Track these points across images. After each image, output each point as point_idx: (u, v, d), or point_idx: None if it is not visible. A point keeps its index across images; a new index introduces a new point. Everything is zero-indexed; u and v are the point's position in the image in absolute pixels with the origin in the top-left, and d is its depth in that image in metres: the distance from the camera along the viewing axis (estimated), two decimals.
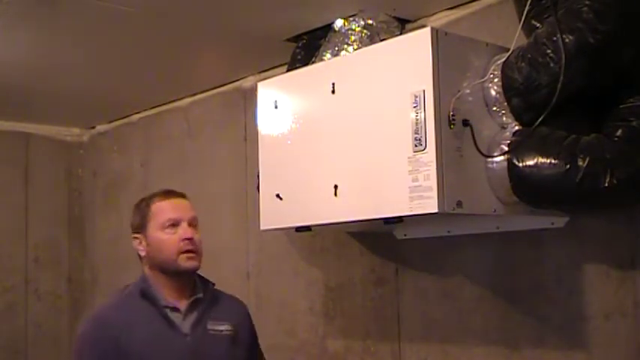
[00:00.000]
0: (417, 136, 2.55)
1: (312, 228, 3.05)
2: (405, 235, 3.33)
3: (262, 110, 3.22)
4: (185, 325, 2.57)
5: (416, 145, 2.55)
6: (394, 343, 3.55)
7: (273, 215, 3.14)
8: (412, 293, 3.50)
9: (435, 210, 2.50)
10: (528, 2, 2.67)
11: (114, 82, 4.55)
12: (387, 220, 2.65)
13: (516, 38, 2.65)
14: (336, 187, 2.84)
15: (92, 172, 5.71)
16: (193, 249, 2.60)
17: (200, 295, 2.63)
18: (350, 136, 2.81)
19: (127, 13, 3.35)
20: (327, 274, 3.58)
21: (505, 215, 2.74)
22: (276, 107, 3.15)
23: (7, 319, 5.43)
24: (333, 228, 2.95)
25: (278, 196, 3.08)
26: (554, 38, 2.49)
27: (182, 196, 2.73)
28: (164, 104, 5.04)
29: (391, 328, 3.57)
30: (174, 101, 4.96)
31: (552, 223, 2.89)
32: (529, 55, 2.57)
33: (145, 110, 5.20)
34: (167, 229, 2.60)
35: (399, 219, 2.66)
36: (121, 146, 5.47)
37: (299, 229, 3.09)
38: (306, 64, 3.40)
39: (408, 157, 2.57)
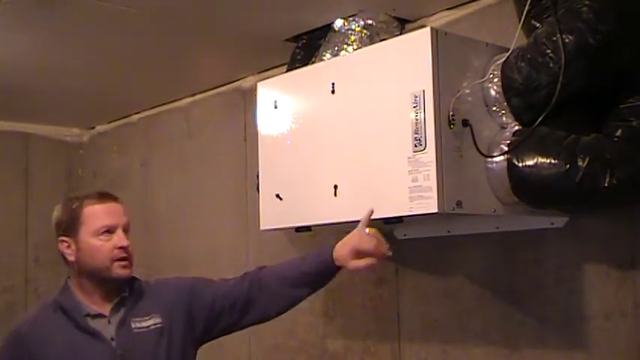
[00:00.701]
0: (416, 136, 2.55)
1: (312, 228, 3.05)
2: (405, 235, 3.33)
3: (262, 110, 3.22)
4: (110, 329, 2.49)
5: (416, 146, 2.55)
6: (394, 343, 3.55)
7: (273, 215, 3.14)
8: (412, 293, 3.50)
9: (435, 210, 2.50)
10: (528, 2, 2.67)
11: (114, 83, 4.54)
12: (387, 221, 2.64)
13: (516, 38, 2.65)
14: (335, 187, 2.84)
15: (92, 173, 5.71)
16: (127, 257, 2.51)
17: (125, 293, 2.55)
18: (350, 136, 2.82)
19: (126, 14, 3.34)
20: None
21: (505, 215, 2.74)
22: (275, 107, 3.15)
23: (6, 319, 5.41)
24: (333, 228, 2.95)
25: (278, 196, 3.08)
26: (554, 38, 2.49)
27: (116, 199, 2.60)
28: (164, 104, 5.04)
29: (391, 328, 3.57)
30: (174, 101, 4.96)
31: (552, 224, 2.89)
32: (529, 55, 2.57)
33: (145, 110, 5.20)
34: (101, 235, 2.49)
35: (399, 219, 2.66)
36: (120, 146, 5.47)
37: (299, 229, 3.09)
38: (305, 64, 3.40)
39: (408, 157, 2.57)
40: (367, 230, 2.48)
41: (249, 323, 2.68)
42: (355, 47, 3.22)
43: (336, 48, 3.28)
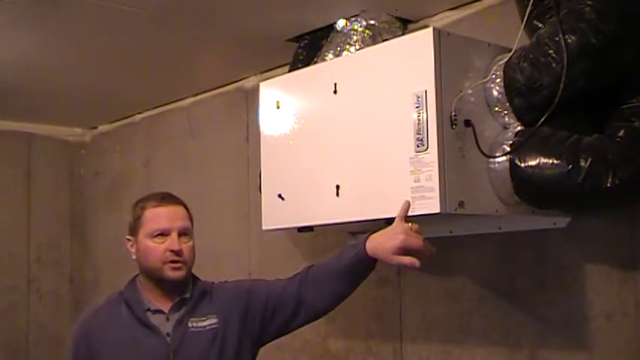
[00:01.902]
0: (419, 136, 2.55)
1: (314, 228, 3.06)
2: None
3: (264, 110, 3.23)
4: (167, 325, 2.56)
5: (418, 146, 2.55)
6: (396, 343, 3.55)
7: (275, 215, 3.14)
8: (414, 293, 3.50)
9: (437, 210, 2.50)
10: (530, 2, 2.67)
11: (116, 82, 4.55)
12: (389, 221, 2.64)
13: (518, 38, 2.65)
14: (338, 187, 2.84)
15: (94, 172, 5.72)
16: (179, 259, 2.57)
17: (187, 295, 2.62)
18: (352, 136, 2.82)
19: (129, 13, 3.35)
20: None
21: (507, 216, 2.74)
22: (278, 107, 3.15)
23: (8, 318, 5.44)
24: (335, 228, 2.95)
25: (280, 196, 3.08)
26: (557, 38, 2.49)
27: (178, 203, 2.68)
28: (166, 104, 5.05)
29: (393, 328, 3.57)
30: (176, 101, 4.97)
31: (554, 224, 2.89)
32: (531, 56, 2.57)
33: (147, 110, 5.21)
34: (155, 237, 2.57)
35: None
36: (123, 146, 5.48)
37: (301, 229, 3.09)
38: (308, 64, 3.40)
39: (410, 158, 2.57)
40: (411, 225, 2.46)
41: (302, 322, 2.70)
42: (357, 47, 3.22)
43: (339, 48, 3.28)
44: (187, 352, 2.53)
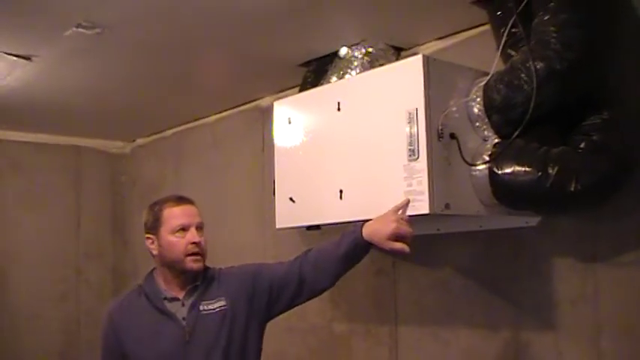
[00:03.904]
0: (411, 147, 2.55)
1: (321, 227, 3.05)
2: None
3: (278, 125, 3.23)
4: (183, 310, 2.55)
5: (410, 155, 2.55)
6: (391, 326, 3.55)
7: (287, 216, 3.14)
8: (407, 283, 3.50)
9: (427, 211, 2.50)
10: (505, 34, 2.68)
11: (151, 102, 4.56)
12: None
13: (495, 64, 2.65)
14: (341, 191, 2.84)
15: (133, 179, 5.73)
16: (199, 251, 2.57)
17: (198, 282, 2.61)
18: (353, 148, 2.82)
19: (162, 44, 3.37)
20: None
21: (487, 216, 2.74)
22: (289, 123, 3.15)
23: (62, 304, 5.46)
24: (339, 227, 2.95)
25: (291, 199, 3.08)
26: (528, 64, 2.48)
27: (191, 202, 2.68)
28: (193, 121, 5.06)
29: (389, 313, 3.57)
30: (201, 118, 4.97)
31: (527, 223, 2.89)
32: (506, 79, 2.57)
33: (177, 126, 5.22)
34: (177, 233, 2.57)
35: None
36: (157, 157, 5.49)
37: (309, 227, 3.09)
38: (315, 86, 3.40)
39: (404, 166, 2.57)
40: (402, 215, 2.46)
41: (304, 299, 2.67)
42: (358, 71, 3.23)
43: (342, 72, 3.29)
44: (201, 332, 2.53)
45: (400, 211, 2.49)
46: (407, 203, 2.52)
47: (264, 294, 2.64)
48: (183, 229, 2.57)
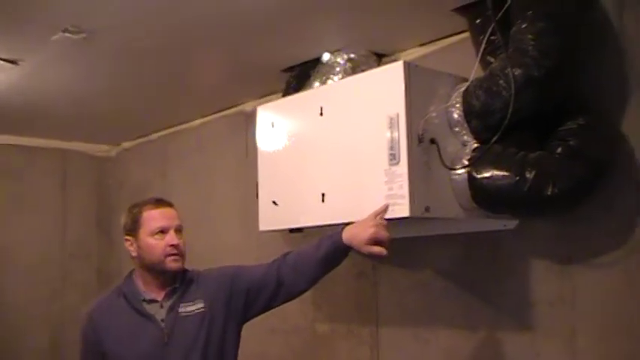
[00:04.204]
0: (392, 151, 2.55)
1: (303, 229, 3.05)
2: None
3: (261, 130, 3.22)
4: (162, 312, 2.53)
5: (391, 160, 2.55)
6: (372, 327, 3.55)
7: (270, 219, 3.13)
8: (388, 285, 3.50)
9: (407, 214, 2.50)
10: (484, 41, 2.69)
11: (137, 106, 4.54)
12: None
13: (474, 71, 2.66)
14: (323, 194, 2.84)
15: (119, 182, 5.70)
16: (178, 252, 2.55)
17: (177, 284, 2.59)
18: (335, 152, 2.81)
19: (147, 50, 3.35)
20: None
21: (466, 219, 2.74)
22: (272, 127, 3.15)
23: (48, 306, 5.43)
24: (321, 230, 2.94)
25: (274, 202, 3.08)
26: (506, 71, 2.49)
27: (170, 205, 2.65)
28: (178, 125, 5.03)
29: (370, 314, 3.56)
30: (186, 122, 4.95)
31: (505, 226, 2.89)
32: (485, 85, 2.58)
33: (163, 130, 5.19)
34: (156, 235, 2.55)
35: None
36: (142, 160, 5.46)
37: (292, 230, 3.09)
38: (298, 91, 3.40)
39: (385, 170, 2.57)
40: (381, 220, 2.46)
41: (282, 301, 2.66)
42: (340, 77, 3.23)
43: (324, 77, 3.29)
44: (179, 334, 2.51)
45: (379, 217, 2.49)
46: (386, 209, 2.52)
47: (242, 295, 2.62)
48: (162, 231, 2.55)
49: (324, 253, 2.53)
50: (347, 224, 2.51)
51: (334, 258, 2.55)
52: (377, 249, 2.42)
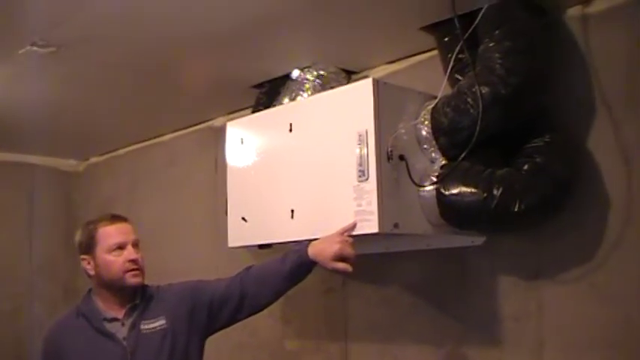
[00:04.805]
0: (360, 168, 2.55)
1: (273, 245, 3.03)
2: None
3: (230, 146, 3.20)
4: (123, 330, 2.48)
5: (360, 176, 2.55)
6: (342, 343, 3.53)
7: (239, 235, 3.11)
8: (357, 300, 3.49)
9: (376, 230, 2.50)
10: (452, 59, 2.70)
11: (105, 121, 4.50)
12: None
13: (443, 88, 2.67)
14: (292, 211, 2.82)
15: (87, 197, 5.63)
16: (137, 267, 2.52)
17: (137, 301, 2.54)
18: (305, 168, 2.80)
19: (116, 65, 3.32)
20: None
21: (434, 235, 2.74)
22: (242, 143, 3.13)
23: (14, 320, 5.35)
24: (291, 246, 2.93)
25: (243, 218, 3.06)
26: (474, 89, 2.51)
27: (125, 220, 2.61)
28: (147, 140, 4.99)
29: (339, 330, 3.55)
30: (155, 137, 4.91)
31: (472, 242, 2.90)
32: (453, 103, 2.59)
33: (132, 145, 5.15)
34: (114, 251, 2.50)
35: None
36: (111, 175, 5.41)
37: (261, 246, 3.06)
38: (268, 107, 3.38)
39: (354, 186, 2.57)
40: (347, 237, 2.48)
41: (245, 315, 2.65)
42: (309, 93, 3.22)
43: (294, 94, 3.28)
44: (142, 352, 2.46)
45: (346, 233, 2.49)
46: (353, 226, 2.53)
47: (204, 310, 2.60)
48: (120, 247, 2.51)
49: (289, 267, 2.53)
50: (311, 241, 2.52)
51: (299, 273, 2.55)
52: (342, 265, 2.45)
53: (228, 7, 2.73)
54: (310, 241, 2.53)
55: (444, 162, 2.66)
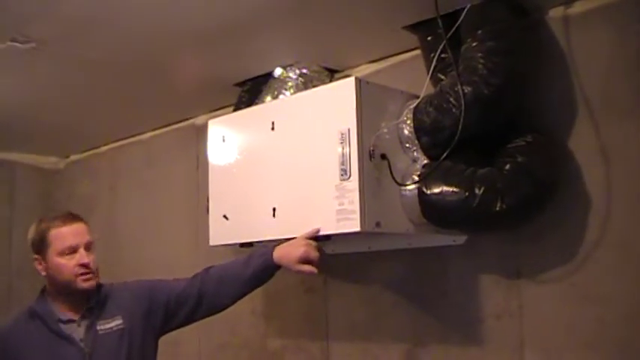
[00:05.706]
0: (343, 167, 2.54)
1: (254, 244, 3.02)
2: (333, 251, 3.30)
3: (212, 144, 3.19)
4: (79, 332, 2.43)
5: (342, 175, 2.55)
6: (323, 342, 3.53)
7: (221, 233, 3.09)
8: (338, 299, 3.48)
9: (358, 229, 2.49)
10: (435, 58, 2.71)
11: (86, 119, 4.46)
12: (317, 238, 2.63)
13: (425, 88, 2.67)
14: (274, 209, 2.81)
15: (67, 195, 5.59)
16: (89, 271, 2.44)
17: (92, 304, 2.48)
18: (287, 167, 2.79)
19: (97, 62, 3.30)
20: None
21: (416, 234, 2.75)
22: (224, 141, 3.12)
23: None
24: (272, 244, 2.93)
25: (225, 216, 3.05)
26: (456, 89, 2.51)
27: (80, 220, 2.53)
28: (128, 137, 4.96)
29: (320, 329, 3.55)
30: (137, 135, 4.88)
31: (454, 241, 2.90)
32: (435, 102, 2.59)
33: (112, 142, 5.11)
34: (66, 255, 2.43)
35: (328, 237, 2.63)
36: (91, 173, 5.37)
37: (243, 244, 3.05)
38: (250, 105, 3.36)
39: (336, 185, 2.56)
40: (311, 241, 2.53)
41: (202, 316, 2.64)
42: (292, 92, 3.22)
43: (276, 92, 3.27)
44: (100, 353, 2.42)
45: (310, 240, 2.54)
46: (317, 232, 2.57)
47: (161, 309, 2.58)
48: (73, 250, 2.44)
49: (252, 271, 2.55)
50: (276, 245, 2.54)
51: (262, 276, 2.58)
52: (307, 267, 2.49)
53: (210, 5, 2.72)
54: (275, 245, 2.57)
55: (426, 161, 2.66)
